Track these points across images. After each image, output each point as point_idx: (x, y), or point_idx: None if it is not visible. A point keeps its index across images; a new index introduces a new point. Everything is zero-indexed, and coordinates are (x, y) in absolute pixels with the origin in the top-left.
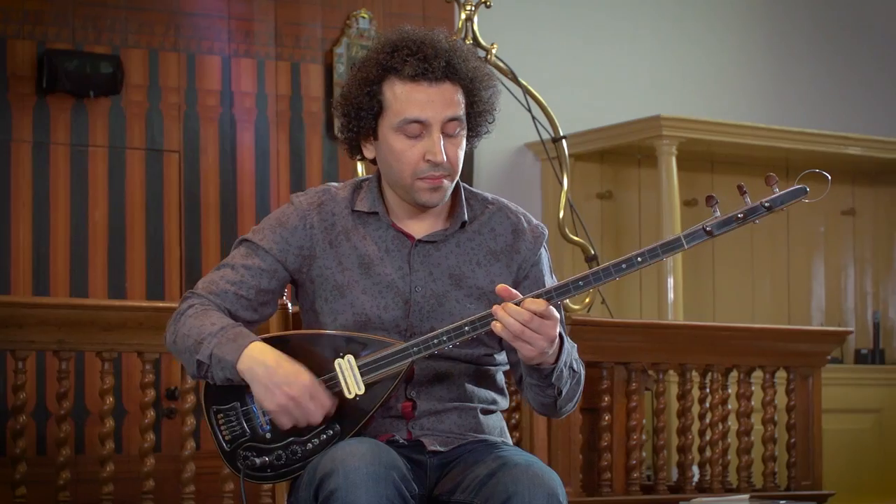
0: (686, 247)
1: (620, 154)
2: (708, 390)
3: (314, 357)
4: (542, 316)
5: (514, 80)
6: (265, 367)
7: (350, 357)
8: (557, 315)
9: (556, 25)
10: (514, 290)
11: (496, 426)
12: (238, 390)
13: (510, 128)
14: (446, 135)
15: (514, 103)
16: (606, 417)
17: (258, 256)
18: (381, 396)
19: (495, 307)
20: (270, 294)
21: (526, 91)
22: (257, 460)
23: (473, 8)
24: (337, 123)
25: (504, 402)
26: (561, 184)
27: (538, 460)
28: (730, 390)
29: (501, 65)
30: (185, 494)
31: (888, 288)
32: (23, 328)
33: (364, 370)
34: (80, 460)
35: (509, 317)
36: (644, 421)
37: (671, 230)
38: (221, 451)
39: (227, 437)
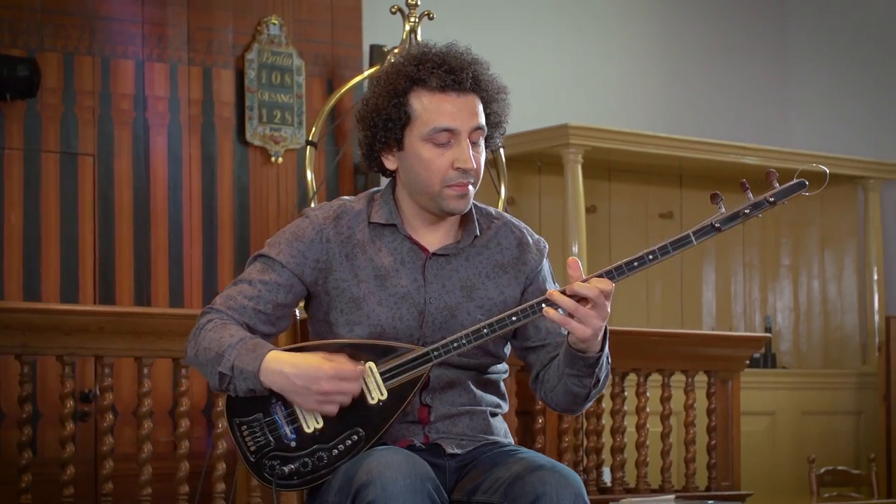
0: (695, 242)
1: (522, 161)
2: (626, 394)
3: None
4: (606, 295)
5: None
6: (284, 375)
7: (371, 364)
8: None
9: (462, 35)
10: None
11: (501, 427)
12: (260, 401)
13: None
14: (472, 143)
15: None
16: (539, 420)
17: (275, 271)
18: (402, 401)
19: (551, 290)
20: (287, 308)
21: None
22: (285, 469)
23: (417, 20)
24: (358, 135)
25: (506, 406)
26: (498, 192)
27: (559, 462)
28: (649, 394)
29: None
30: (142, 497)
31: (775, 293)
32: None
33: (385, 376)
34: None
35: (564, 297)
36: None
37: (577, 237)
38: (247, 461)
39: (251, 448)
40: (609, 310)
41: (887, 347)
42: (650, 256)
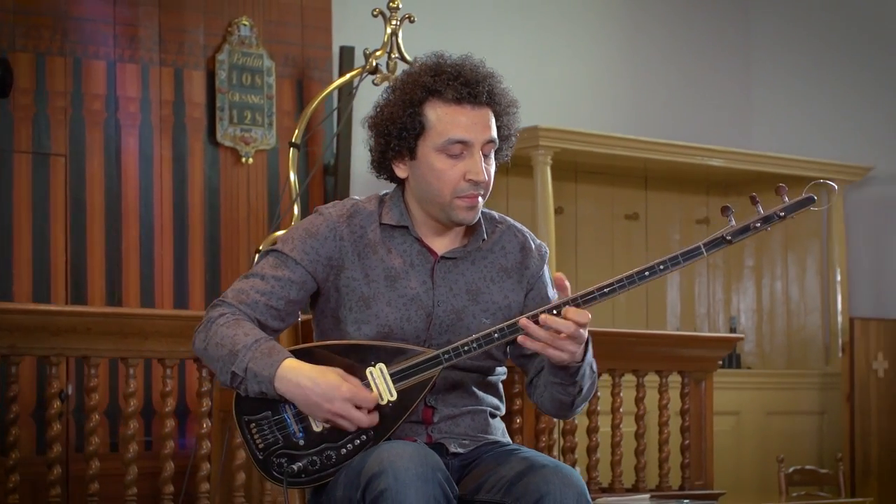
0: (706, 254)
1: None
2: (601, 394)
3: (343, 367)
4: (582, 325)
5: None
6: (300, 387)
7: (381, 365)
8: (589, 318)
9: (432, 37)
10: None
11: (500, 427)
12: (269, 400)
13: None
14: (483, 155)
15: None
16: (517, 420)
17: (288, 268)
18: (411, 402)
19: (522, 319)
20: (297, 304)
21: None
22: (293, 466)
23: (398, 23)
24: (370, 142)
25: (503, 408)
26: None
27: (561, 462)
28: (622, 395)
29: None
30: (128, 496)
31: (739, 294)
32: None
33: (396, 377)
34: None
35: (539, 330)
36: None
37: (546, 238)
38: (255, 459)
39: (260, 446)
40: (586, 335)
41: (851, 348)
42: (661, 266)
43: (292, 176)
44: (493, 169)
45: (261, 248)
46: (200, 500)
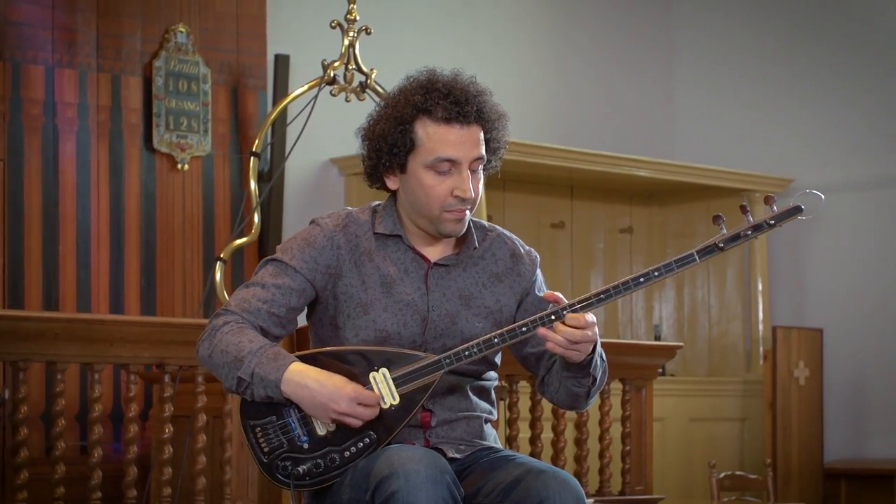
0: (698, 261)
1: None
2: (544, 401)
3: (347, 372)
4: (588, 328)
5: None
6: (307, 389)
7: (384, 370)
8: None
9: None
10: (562, 297)
11: (492, 433)
12: (274, 404)
13: (316, 143)
14: (471, 171)
15: (321, 118)
16: None
17: (288, 276)
18: (413, 406)
19: (542, 330)
20: (297, 311)
21: None
22: (298, 469)
23: (356, 34)
24: (363, 153)
25: (496, 414)
26: None
27: (558, 468)
28: None
29: (380, 89)
30: (92, 500)
31: (661, 303)
32: None
33: (398, 382)
34: None
35: (558, 336)
36: None
37: None
38: (259, 462)
39: (265, 450)
40: (596, 335)
41: (774, 356)
42: (656, 273)
43: (252, 184)
44: (480, 184)
45: (222, 255)
46: (163, 502)
